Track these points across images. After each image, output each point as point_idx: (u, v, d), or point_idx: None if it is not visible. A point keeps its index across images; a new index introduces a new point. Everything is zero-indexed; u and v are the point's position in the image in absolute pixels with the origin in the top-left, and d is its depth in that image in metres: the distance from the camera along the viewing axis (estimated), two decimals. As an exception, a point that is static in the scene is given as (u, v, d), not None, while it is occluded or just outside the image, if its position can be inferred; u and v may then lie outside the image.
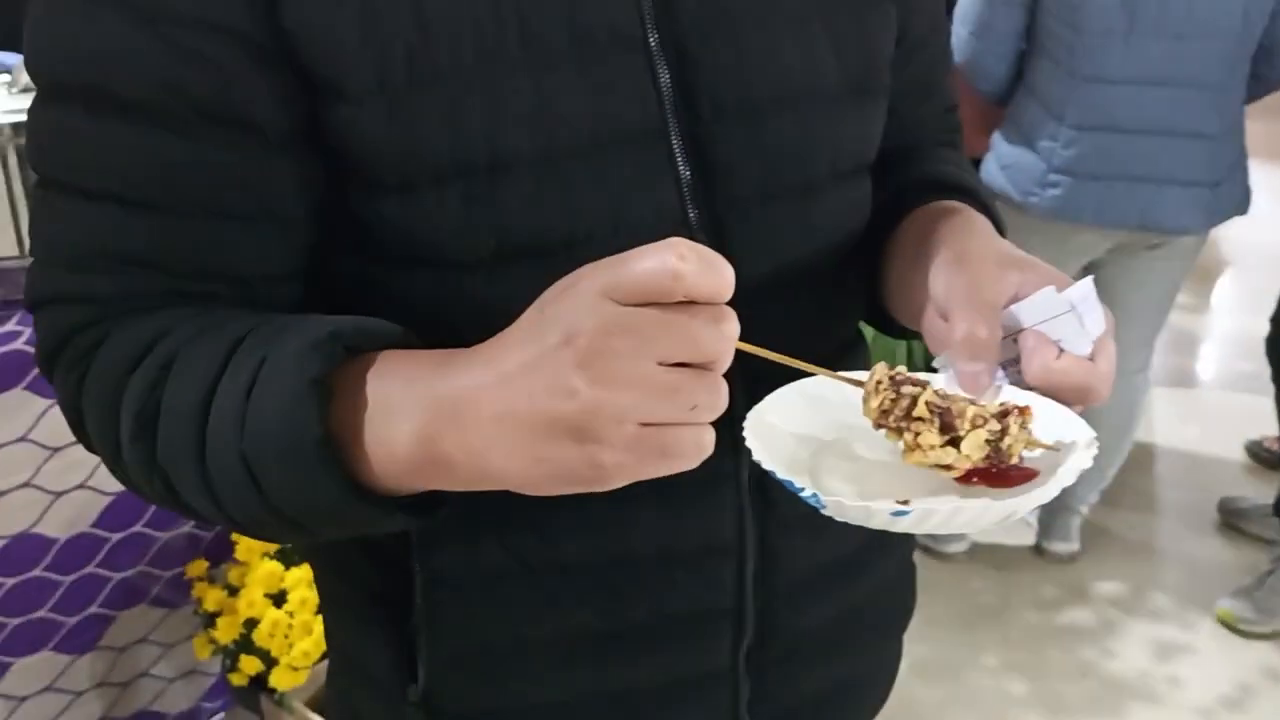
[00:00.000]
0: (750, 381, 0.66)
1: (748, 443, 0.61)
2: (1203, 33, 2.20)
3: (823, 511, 0.58)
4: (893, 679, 0.97)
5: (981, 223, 0.73)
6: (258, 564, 1.91)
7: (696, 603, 0.77)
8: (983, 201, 0.82)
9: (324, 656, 1.89)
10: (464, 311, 0.68)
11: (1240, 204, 2.42)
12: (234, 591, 1.91)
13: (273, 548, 1.95)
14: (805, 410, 0.65)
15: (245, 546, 1.94)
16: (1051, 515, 2.87)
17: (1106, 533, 3.00)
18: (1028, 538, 2.93)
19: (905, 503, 0.57)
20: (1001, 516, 0.57)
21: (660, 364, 0.50)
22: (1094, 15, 2.17)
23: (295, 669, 1.85)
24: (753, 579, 0.78)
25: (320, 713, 1.89)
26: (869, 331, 0.90)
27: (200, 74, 0.61)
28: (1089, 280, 0.63)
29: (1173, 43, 2.19)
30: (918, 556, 0.98)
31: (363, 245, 0.68)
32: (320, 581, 0.89)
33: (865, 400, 0.61)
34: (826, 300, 0.79)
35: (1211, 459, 3.40)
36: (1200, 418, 3.69)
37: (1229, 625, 2.65)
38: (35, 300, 0.67)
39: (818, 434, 0.66)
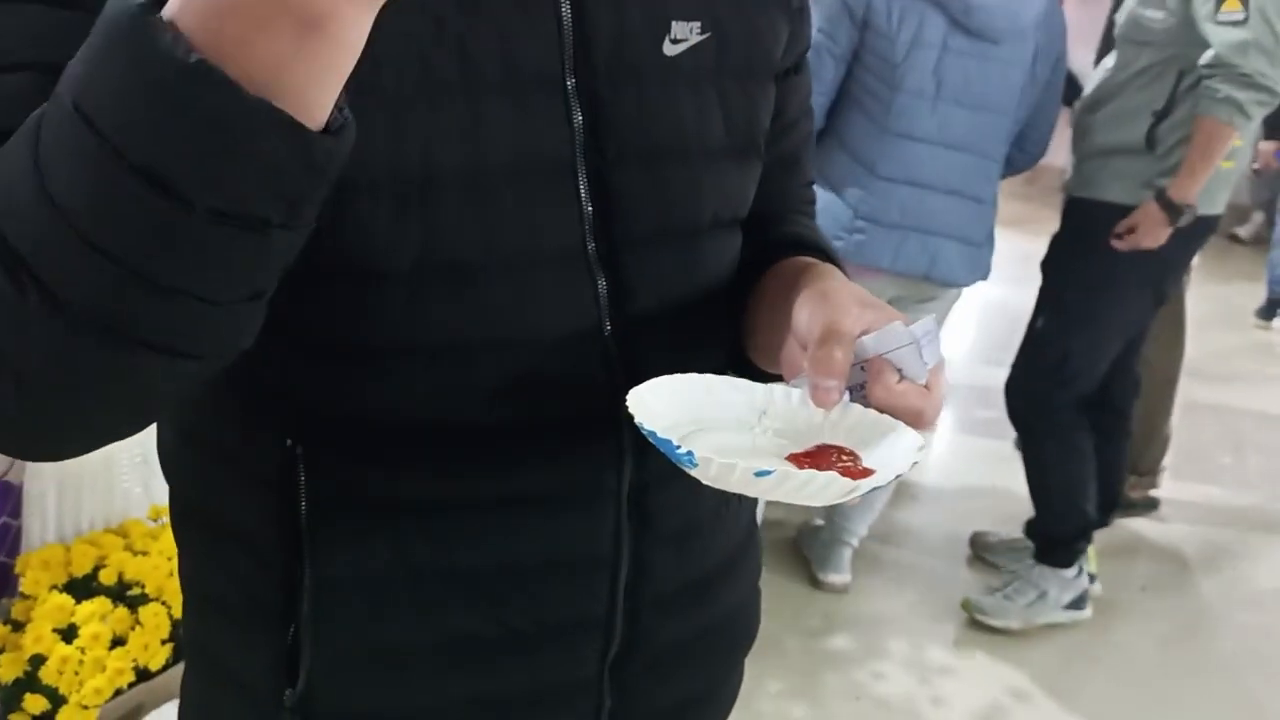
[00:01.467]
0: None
1: (630, 408, 0.68)
2: (992, 108, 2.49)
3: (690, 470, 0.65)
4: (734, 699, 1.03)
5: (839, 273, 0.84)
6: (45, 597, 1.81)
7: (572, 611, 0.82)
8: (836, 260, 0.92)
9: (116, 694, 1.81)
10: (379, 324, 0.72)
11: (989, 265, 2.72)
12: (18, 626, 1.80)
13: (61, 579, 1.85)
14: (678, 399, 0.73)
15: (32, 579, 1.84)
16: (826, 548, 3.04)
17: (875, 562, 3.21)
18: (803, 572, 3.10)
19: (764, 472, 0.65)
20: (846, 491, 0.65)
21: None
22: (909, 77, 2.39)
23: (85, 708, 1.76)
24: (624, 590, 0.83)
25: (110, 753, 1.80)
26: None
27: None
28: (932, 318, 0.73)
29: (970, 112, 2.47)
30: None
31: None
32: (192, 582, 0.88)
33: None
34: (704, 335, 0.87)
35: (961, 496, 3.69)
36: (952, 459, 3.99)
37: (969, 612, 2.99)
38: None
39: (688, 418, 0.74)
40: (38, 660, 1.76)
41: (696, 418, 0.73)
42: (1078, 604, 3.01)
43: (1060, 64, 2.64)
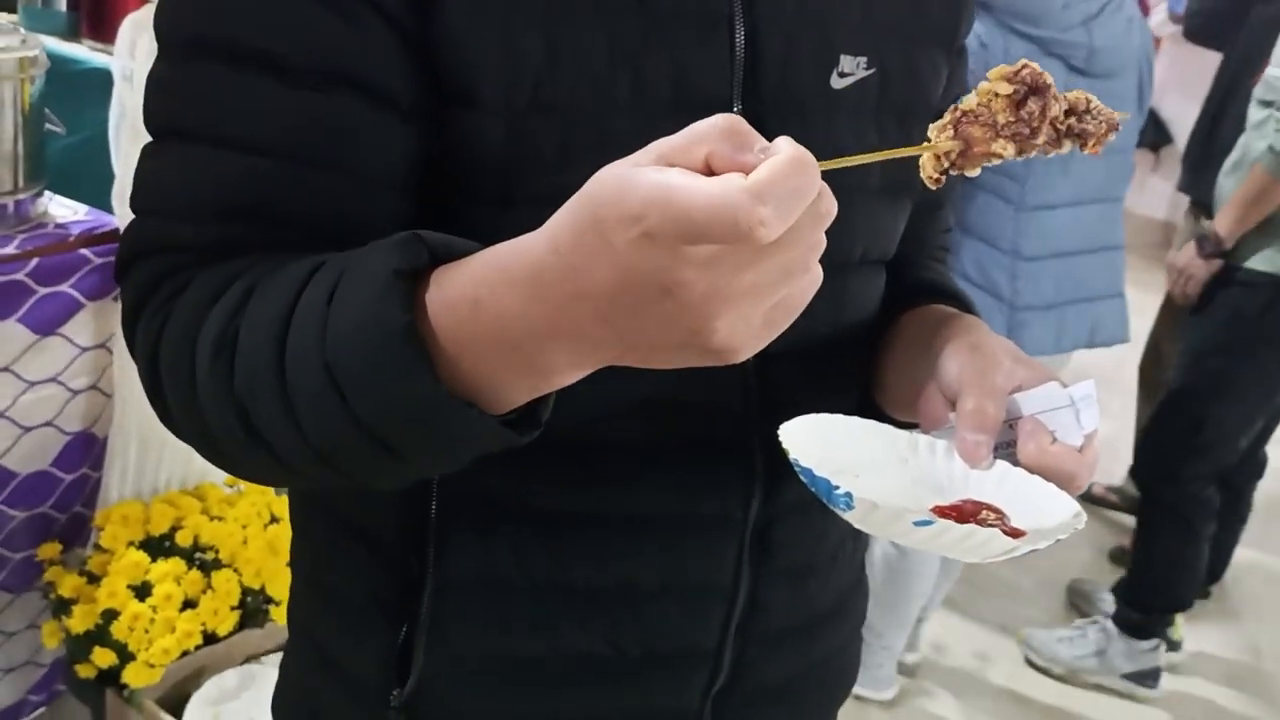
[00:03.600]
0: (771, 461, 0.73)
1: (783, 443, 0.67)
2: (1118, 148, 2.30)
3: (842, 513, 0.63)
4: None
5: (985, 325, 0.81)
6: (122, 552, 1.83)
7: (683, 640, 0.81)
8: (974, 310, 0.89)
9: (181, 655, 1.82)
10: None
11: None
12: (93, 579, 1.82)
13: (139, 536, 1.87)
14: (822, 438, 0.71)
15: (111, 534, 1.86)
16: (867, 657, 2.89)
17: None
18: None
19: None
20: (1005, 550, 0.64)
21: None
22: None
23: (152, 666, 1.78)
24: (736, 623, 0.82)
25: (171, 712, 1.82)
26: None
27: (350, 39, 0.64)
28: (1091, 383, 0.71)
29: (1100, 159, 2.28)
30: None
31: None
32: (307, 569, 0.88)
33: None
34: (843, 372, 0.85)
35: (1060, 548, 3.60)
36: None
37: (1020, 643, 2.95)
38: (135, 253, 0.67)
39: (831, 458, 0.71)
40: (110, 615, 1.78)
41: (839, 459, 0.71)
42: (1145, 679, 2.90)
43: (1145, 98, 2.49)
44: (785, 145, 0.49)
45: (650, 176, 0.47)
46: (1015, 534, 0.65)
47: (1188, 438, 2.80)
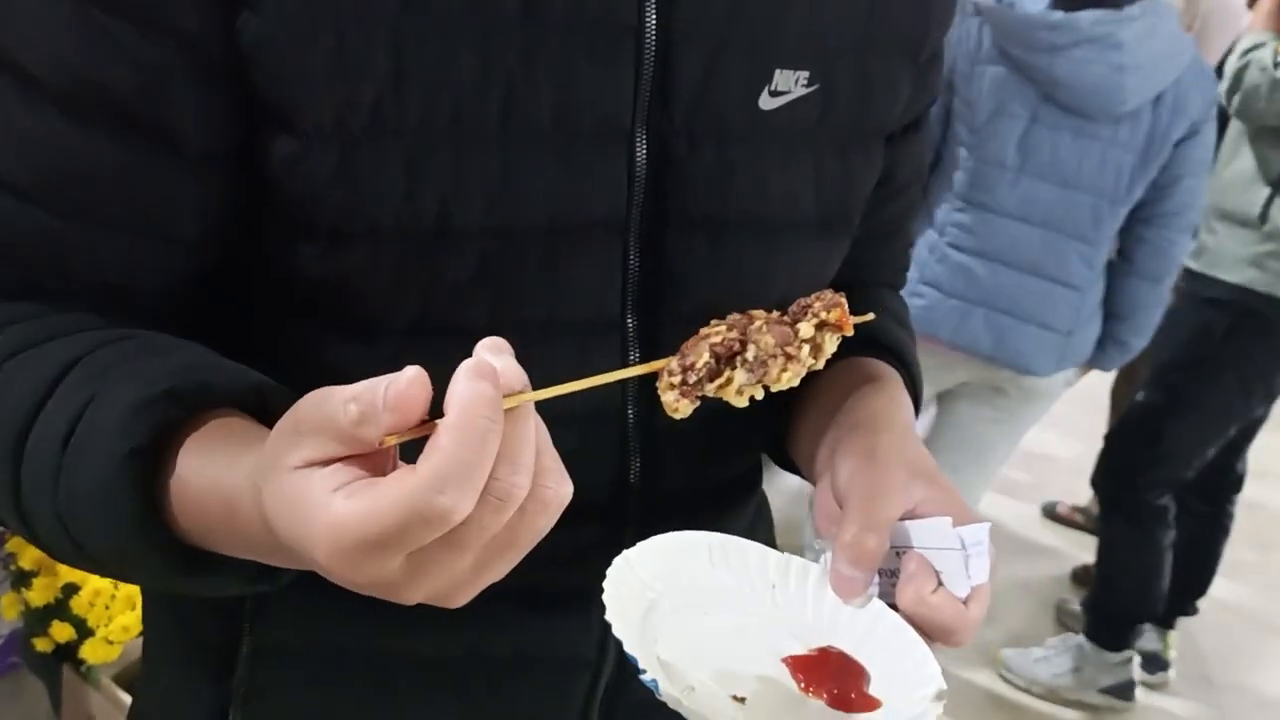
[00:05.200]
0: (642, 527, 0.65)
1: (606, 589, 0.57)
2: (1085, 187, 2.24)
3: (657, 695, 0.55)
4: None
5: (903, 412, 0.71)
6: (86, 527, 1.81)
7: (542, 713, 0.74)
8: (909, 367, 0.81)
9: (141, 634, 1.80)
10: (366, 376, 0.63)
11: (1083, 354, 2.43)
12: (56, 552, 1.79)
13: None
14: (677, 562, 0.63)
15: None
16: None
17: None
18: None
19: (741, 699, 0.56)
20: None
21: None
22: (989, 145, 2.22)
23: (110, 643, 1.76)
24: (602, 695, 0.75)
25: (127, 690, 1.80)
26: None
27: (124, 71, 0.55)
28: (985, 526, 0.63)
29: (1059, 189, 2.24)
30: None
31: (272, 287, 0.63)
32: (146, 605, 0.83)
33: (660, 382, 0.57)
34: (740, 431, 0.77)
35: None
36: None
37: (998, 669, 2.93)
38: None
39: (690, 584, 0.63)
40: (71, 589, 1.76)
41: (697, 584, 0.63)
42: (1120, 692, 2.88)
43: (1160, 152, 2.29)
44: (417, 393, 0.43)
45: (321, 520, 0.42)
46: (862, 706, 0.58)
47: (1146, 448, 2.79)
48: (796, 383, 0.57)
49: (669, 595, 0.61)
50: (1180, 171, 2.28)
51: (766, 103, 0.67)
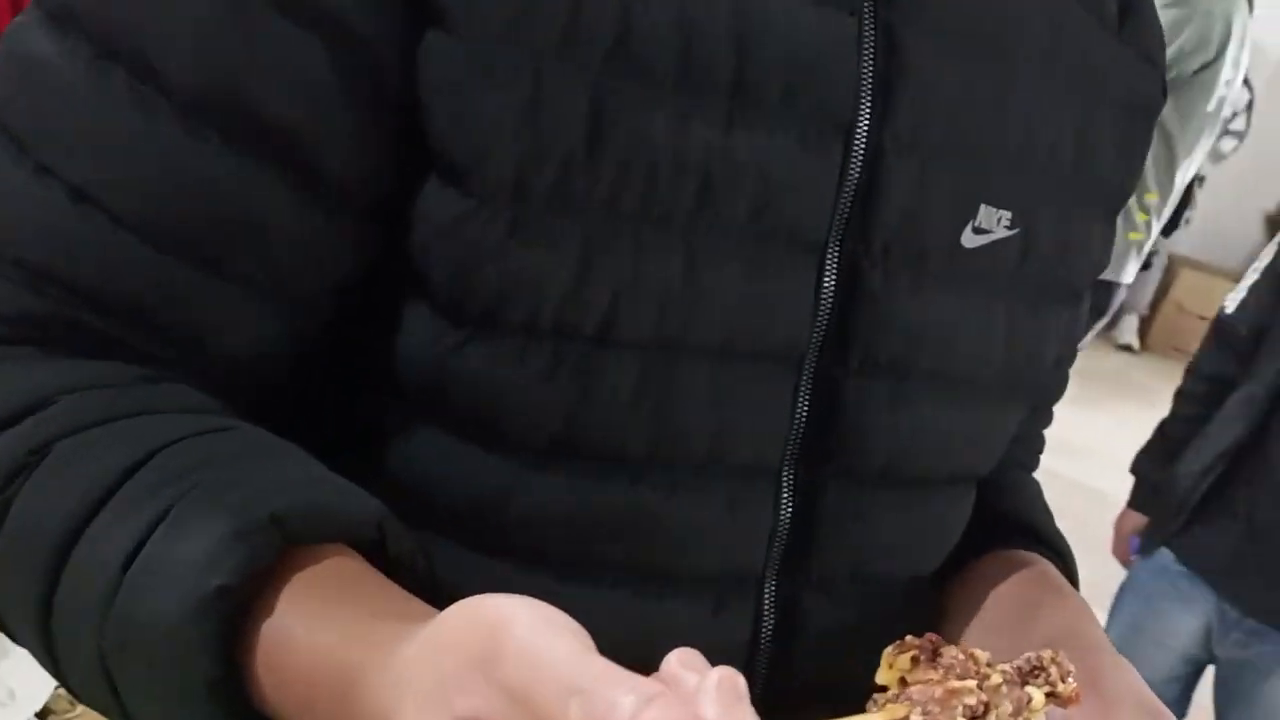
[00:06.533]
0: None
1: None
2: None
3: None
4: None
5: (1099, 629, 0.62)
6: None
7: None
8: (1063, 557, 0.71)
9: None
10: (495, 502, 0.53)
11: None
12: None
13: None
14: None
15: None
16: None
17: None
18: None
19: None
20: None
21: None
22: None
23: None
24: None
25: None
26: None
27: (270, 79, 0.45)
28: None
29: None
30: None
31: (381, 371, 0.52)
32: None
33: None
34: (887, 625, 0.63)
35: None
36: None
37: None
38: None
39: None
40: None
41: None
42: None
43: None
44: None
45: None
46: None
47: None
48: None
49: None
50: None
51: (970, 240, 0.58)
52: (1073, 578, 0.70)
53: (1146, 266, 5.24)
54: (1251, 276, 1.77)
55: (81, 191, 0.45)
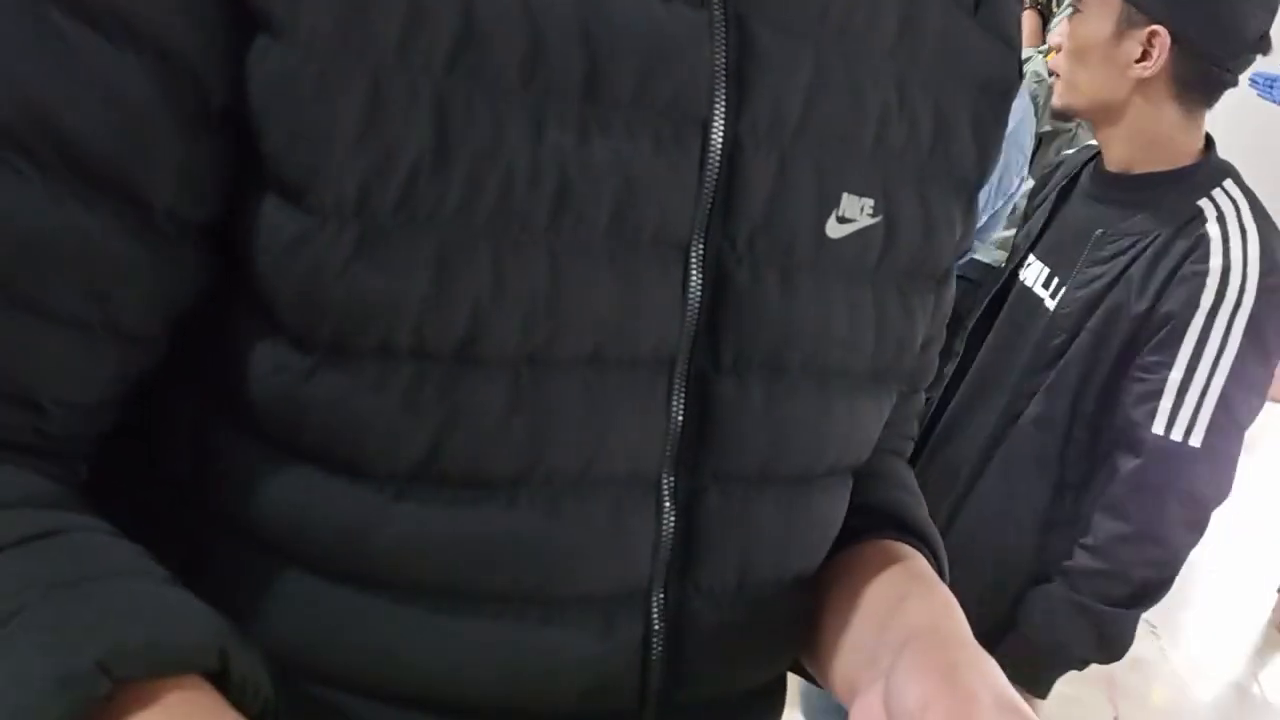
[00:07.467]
0: None
1: None
2: None
3: None
4: None
5: (963, 624, 0.60)
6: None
7: None
8: (932, 547, 0.70)
9: None
10: (361, 534, 0.50)
11: None
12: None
13: None
14: None
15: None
16: None
17: None
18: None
19: None
20: None
21: None
22: None
23: None
24: None
25: None
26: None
27: (83, 99, 0.42)
28: None
29: None
30: None
31: (224, 400, 0.49)
32: None
33: None
34: (777, 620, 0.64)
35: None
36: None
37: None
38: None
39: None
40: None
41: None
42: None
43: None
44: None
45: None
46: None
47: None
48: None
49: None
50: None
51: (834, 230, 0.57)
52: (940, 568, 0.69)
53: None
54: None
55: None
